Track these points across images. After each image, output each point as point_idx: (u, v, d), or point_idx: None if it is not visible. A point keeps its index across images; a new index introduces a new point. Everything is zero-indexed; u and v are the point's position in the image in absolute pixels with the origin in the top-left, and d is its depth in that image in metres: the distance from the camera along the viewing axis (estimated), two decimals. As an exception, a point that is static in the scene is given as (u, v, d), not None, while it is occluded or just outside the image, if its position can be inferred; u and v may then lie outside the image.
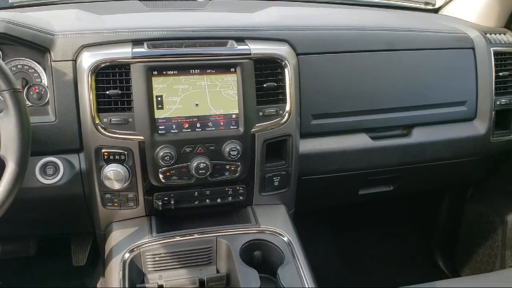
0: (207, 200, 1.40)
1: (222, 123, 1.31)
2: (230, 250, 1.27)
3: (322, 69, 1.49)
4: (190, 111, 1.29)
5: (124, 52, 1.26)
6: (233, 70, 1.30)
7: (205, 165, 1.29)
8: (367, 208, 2.29)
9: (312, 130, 1.50)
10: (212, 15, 1.66)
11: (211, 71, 1.30)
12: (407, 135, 1.63)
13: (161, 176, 1.30)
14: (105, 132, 1.26)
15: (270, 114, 1.37)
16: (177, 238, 1.30)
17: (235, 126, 1.32)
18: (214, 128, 1.31)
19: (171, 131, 1.28)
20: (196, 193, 1.38)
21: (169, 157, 1.26)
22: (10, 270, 2.01)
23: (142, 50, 1.28)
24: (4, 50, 1.31)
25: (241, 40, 1.38)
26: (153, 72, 1.25)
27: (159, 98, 1.26)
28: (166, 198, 1.36)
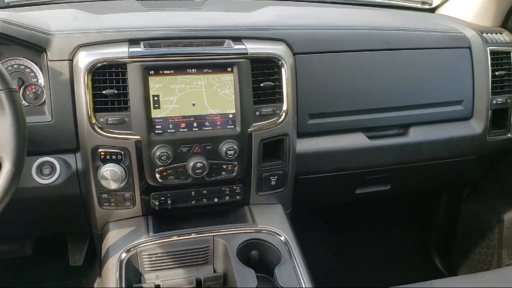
0: (204, 199, 1.40)
1: (219, 123, 1.31)
2: (227, 250, 1.27)
3: (319, 68, 1.49)
4: (187, 111, 1.29)
5: (120, 51, 1.26)
6: (229, 69, 1.30)
7: (202, 164, 1.29)
8: (364, 207, 2.29)
9: (309, 130, 1.50)
10: (209, 15, 1.66)
11: (208, 71, 1.29)
12: (404, 135, 1.63)
13: (158, 175, 1.30)
14: (101, 132, 1.26)
15: (267, 113, 1.37)
16: (174, 238, 1.30)
17: (232, 126, 1.32)
18: (211, 127, 1.31)
19: (168, 131, 1.28)
20: (193, 192, 1.38)
21: (165, 156, 1.26)
22: (6, 270, 2.00)
23: (139, 49, 1.27)
24: (0, 50, 1.30)
25: (238, 39, 1.38)
26: (149, 71, 1.25)
27: (156, 98, 1.26)
28: (163, 198, 1.36)
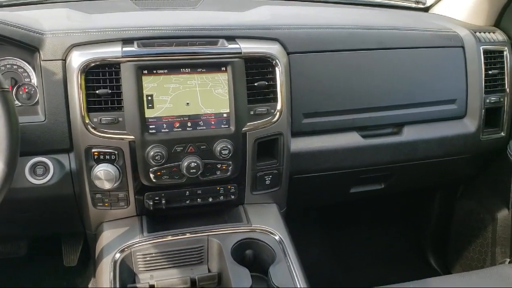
0: (199, 199, 1.40)
1: (213, 122, 1.31)
2: (222, 249, 1.27)
3: (313, 68, 1.49)
4: (180, 110, 1.28)
5: (114, 51, 1.26)
6: (223, 69, 1.30)
7: (196, 164, 1.29)
8: (359, 206, 2.30)
9: (303, 129, 1.51)
10: (203, 14, 1.66)
11: (202, 70, 1.29)
12: (398, 133, 1.63)
13: (152, 175, 1.30)
14: (95, 131, 1.25)
15: (261, 113, 1.37)
16: (168, 238, 1.30)
17: (226, 125, 1.32)
18: (205, 127, 1.30)
19: (162, 131, 1.27)
20: (187, 192, 1.38)
21: (160, 156, 1.26)
22: (0, 271, 1.99)
23: (132, 49, 1.27)
24: None
25: (232, 39, 1.38)
26: (143, 71, 1.25)
27: (150, 97, 1.26)
28: (157, 198, 1.35)
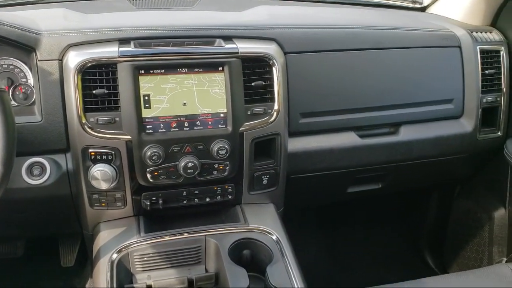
0: (196, 199, 1.40)
1: (210, 122, 1.31)
2: (219, 249, 1.27)
3: (310, 68, 1.49)
4: (177, 110, 1.28)
5: (110, 51, 1.25)
6: (220, 69, 1.30)
7: (193, 164, 1.29)
8: (356, 206, 2.30)
9: (300, 129, 1.51)
10: (200, 14, 1.66)
11: (199, 70, 1.29)
12: (395, 133, 1.64)
13: (149, 175, 1.29)
14: (92, 132, 1.25)
15: (258, 113, 1.37)
16: (165, 238, 1.30)
17: (223, 125, 1.32)
18: (202, 127, 1.30)
19: (159, 131, 1.27)
20: (184, 192, 1.38)
21: (157, 156, 1.26)
22: (-3, 271, 1.99)
23: (129, 49, 1.27)
24: None
25: (228, 39, 1.38)
26: (140, 71, 1.25)
27: (146, 97, 1.25)
28: (154, 198, 1.35)
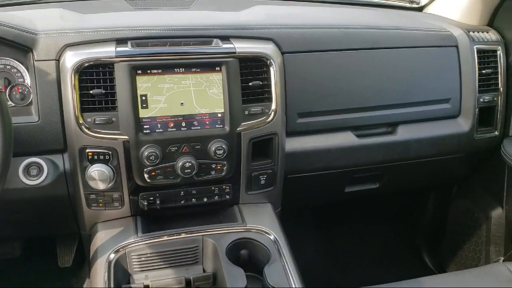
0: (193, 199, 1.39)
1: (207, 122, 1.31)
2: (217, 249, 1.27)
3: (307, 67, 1.49)
4: (175, 110, 1.28)
5: (107, 51, 1.25)
6: (218, 68, 1.30)
7: (190, 164, 1.29)
8: (354, 206, 2.30)
9: (297, 129, 1.51)
10: (197, 14, 1.66)
11: (196, 70, 1.29)
12: (392, 133, 1.64)
13: (146, 176, 1.29)
14: (89, 132, 1.25)
15: (256, 113, 1.37)
16: (162, 238, 1.30)
17: (221, 125, 1.32)
18: (199, 127, 1.30)
19: (156, 131, 1.27)
20: (182, 192, 1.38)
21: (154, 156, 1.26)
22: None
23: (126, 49, 1.27)
24: None
25: (226, 38, 1.38)
26: (137, 71, 1.25)
27: (144, 97, 1.25)
28: (151, 198, 1.35)
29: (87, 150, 1.27)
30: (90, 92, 1.24)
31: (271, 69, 1.37)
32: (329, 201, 2.03)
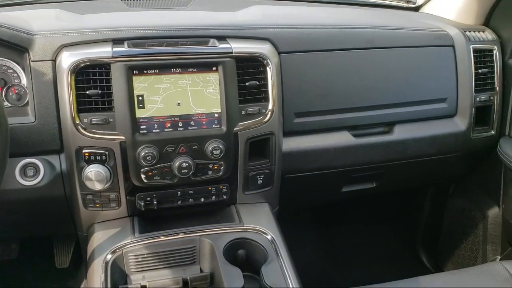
0: (190, 199, 1.39)
1: (204, 122, 1.31)
2: (214, 249, 1.27)
3: (304, 67, 1.49)
4: (172, 110, 1.28)
5: (104, 51, 1.25)
6: (214, 68, 1.30)
7: (187, 164, 1.29)
8: (351, 205, 2.30)
9: (295, 128, 1.51)
10: (194, 14, 1.66)
11: (193, 70, 1.29)
12: (389, 132, 1.64)
13: (143, 176, 1.29)
14: (85, 132, 1.25)
15: (253, 112, 1.37)
16: (160, 238, 1.29)
17: (218, 125, 1.32)
18: (196, 127, 1.30)
19: (153, 131, 1.27)
20: (179, 192, 1.38)
21: (151, 157, 1.25)
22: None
23: (122, 49, 1.26)
24: None
25: (222, 38, 1.38)
26: (133, 71, 1.24)
27: (140, 98, 1.25)
28: (148, 198, 1.35)
29: (84, 151, 1.26)
30: (87, 92, 1.24)
31: (268, 69, 1.37)
32: (326, 200, 2.03)
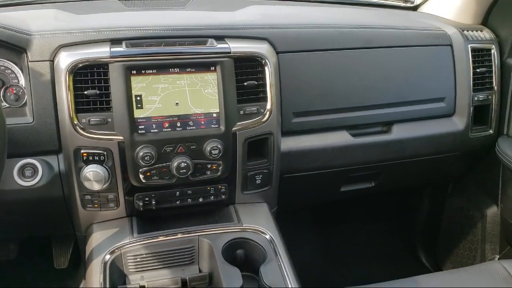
0: (189, 199, 1.39)
1: (202, 122, 1.31)
2: (212, 249, 1.27)
3: (302, 67, 1.49)
4: (170, 110, 1.28)
5: (102, 51, 1.25)
6: (213, 68, 1.30)
7: (186, 164, 1.29)
8: (350, 205, 2.31)
9: (293, 128, 1.51)
10: (192, 14, 1.66)
11: (191, 70, 1.29)
12: (387, 132, 1.64)
13: (141, 176, 1.29)
14: (83, 132, 1.24)
15: (251, 112, 1.37)
16: (158, 239, 1.29)
17: (216, 125, 1.32)
18: (194, 127, 1.30)
19: (151, 131, 1.27)
20: (177, 193, 1.38)
21: (149, 157, 1.25)
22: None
23: (120, 49, 1.26)
24: None
25: (221, 38, 1.37)
26: (131, 71, 1.24)
27: (138, 98, 1.25)
28: (147, 199, 1.35)
29: (82, 151, 1.26)
30: (85, 92, 1.24)
31: (266, 68, 1.37)
32: (324, 200, 2.03)
